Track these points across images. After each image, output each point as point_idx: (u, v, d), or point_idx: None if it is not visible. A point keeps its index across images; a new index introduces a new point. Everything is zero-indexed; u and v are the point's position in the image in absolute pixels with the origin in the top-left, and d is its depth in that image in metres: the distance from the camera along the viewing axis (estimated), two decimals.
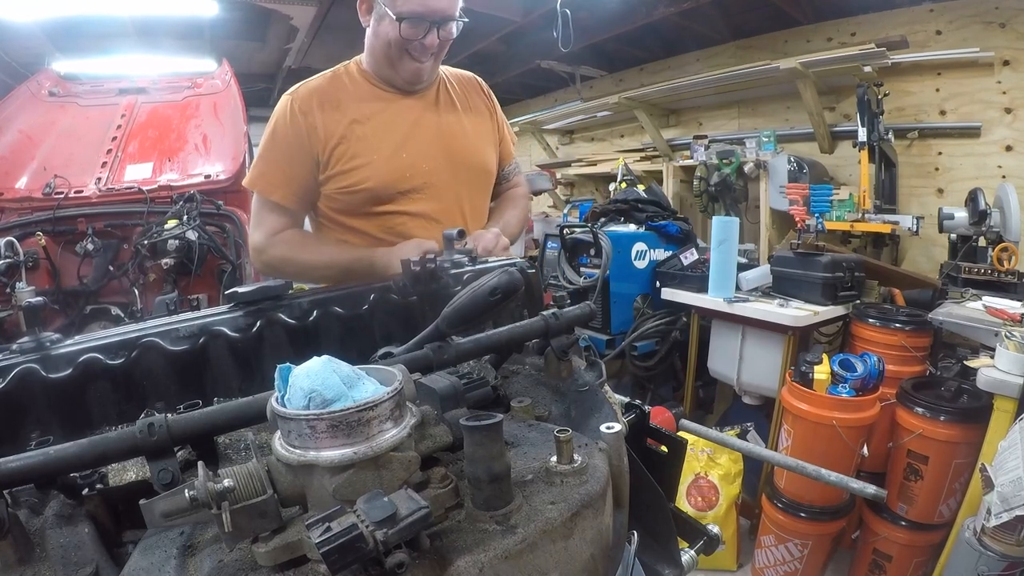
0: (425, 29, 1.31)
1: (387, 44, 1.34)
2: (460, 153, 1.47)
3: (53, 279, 2.77)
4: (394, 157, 1.39)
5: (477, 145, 1.51)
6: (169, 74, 4.15)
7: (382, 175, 1.37)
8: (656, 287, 3.24)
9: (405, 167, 1.39)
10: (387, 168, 1.38)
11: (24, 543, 0.51)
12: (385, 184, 1.38)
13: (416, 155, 1.41)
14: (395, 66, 1.38)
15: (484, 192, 1.57)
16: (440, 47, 1.37)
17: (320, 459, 0.45)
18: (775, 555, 2.47)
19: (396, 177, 1.39)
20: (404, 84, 1.42)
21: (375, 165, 1.37)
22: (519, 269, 0.91)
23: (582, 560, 0.52)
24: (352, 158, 1.36)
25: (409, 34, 1.30)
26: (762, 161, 3.76)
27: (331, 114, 1.36)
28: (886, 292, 2.90)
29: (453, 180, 1.45)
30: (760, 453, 2.31)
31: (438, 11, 1.30)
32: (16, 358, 0.73)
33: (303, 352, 0.62)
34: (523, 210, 1.69)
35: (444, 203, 1.44)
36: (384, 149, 1.38)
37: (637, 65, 5.49)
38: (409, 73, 1.39)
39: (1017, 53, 3.13)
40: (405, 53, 1.35)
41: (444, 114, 1.48)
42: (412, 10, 1.28)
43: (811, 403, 2.22)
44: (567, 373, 0.82)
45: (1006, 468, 1.56)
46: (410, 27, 1.30)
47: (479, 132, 1.53)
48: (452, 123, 1.48)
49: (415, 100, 1.45)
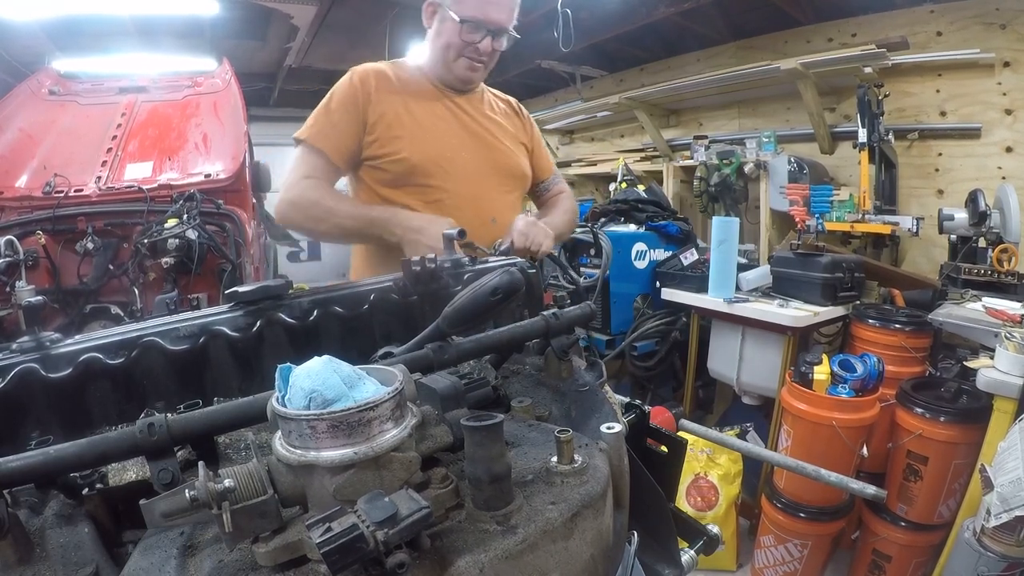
0: (482, 35, 1.48)
1: (447, 46, 1.50)
2: (495, 149, 1.60)
3: (53, 278, 2.77)
4: (435, 138, 1.51)
5: (510, 147, 1.65)
6: (169, 73, 4.16)
7: (423, 149, 1.49)
8: (656, 287, 3.24)
9: (444, 147, 1.52)
10: (427, 145, 1.50)
11: (24, 543, 0.51)
12: (423, 159, 1.48)
13: (455, 139, 1.54)
14: (450, 67, 1.53)
15: (514, 188, 1.67)
16: (491, 55, 1.54)
17: (321, 459, 0.45)
18: (775, 555, 2.47)
19: (434, 155, 1.50)
20: (456, 83, 1.57)
21: (416, 139, 1.49)
22: (519, 269, 0.91)
23: (582, 560, 0.52)
24: (398, 127, 1.48)
25: (468, 37, 1.47)
26: (762, 161, 3.76)
27: (386, 91, 1.50)
28: (886, 293, 2.90)
29: (486, 169, 1.58)
30: (760, 453, 2.31)
31: (495, 21, 1.47)
32: (16, 357, 0.73)
33: (303, 352, 0.62)
34: (568, 212, 1.78)
35: (476, 189, 1.55)
36: (428, 129, 1.51)
37: (637, 65, 5.48)
38: (462, 74, 1.54)
39: (1018, 54, 3.13)
40: (461, 56, 1.50)
41: (484, 116, 1.63)
42: (473, 16, 1.45)
43: (811, 403, 2.22)
44: (567, 373, 0.82)
45: (1005, 469, 1.56)
46: (470, 31, 1.47)
47: (511, 138, 1.67)
48: (490, 124, 1.62)
49: (463, 99, 1.60)
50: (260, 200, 4.17)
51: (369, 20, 4.90)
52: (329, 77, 7.45)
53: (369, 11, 4.76)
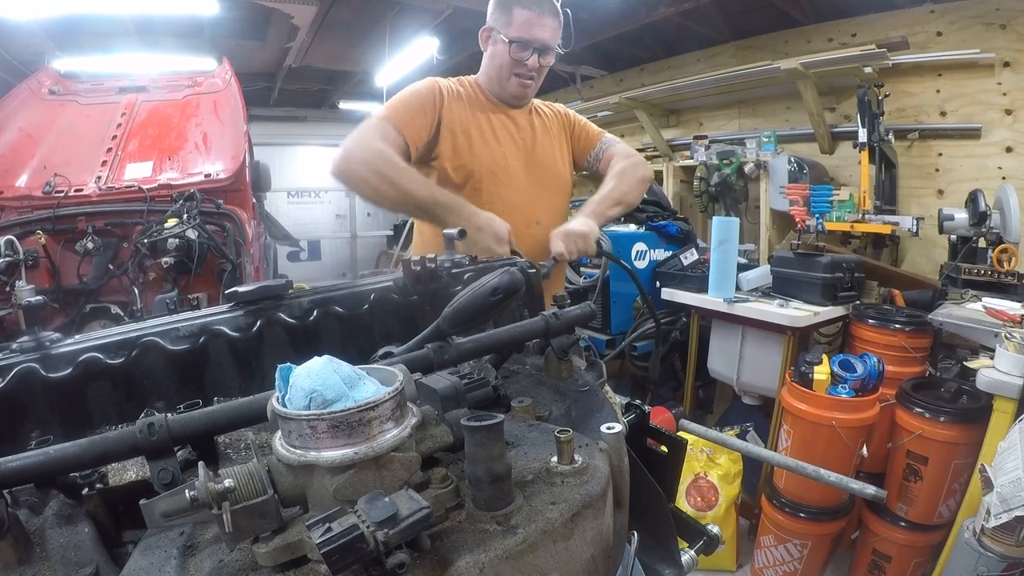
0: (530, 53, 1.64)
1: (500, 66, 1.68)
2: (541, 159, 1.77)
3: (53, 278, 2.77)
4: (492, 150, 1.68)
5: (554, 156, 1.81)
6: (169, 72, 4.15)
7: (482, 159, 1.65)
8: (656, 287, 3.24)
9: (499, 157, 1.68)
10: (485, 155, 1.66)
11: (24, 543, 0.51)
12: (482, 168, 1.65)
13: (508, 151, 1.71)
14: (504, 84, 1.71)
15: (559, 194, 1.83)
16: (539, 71, 1.70)
17: (321, 459, 0.45)
18: (774, 555, 2.47)
19: (491, 165, 1.66)
20: (510, 99, 1.74)
21: (477, 149, 1.66)
22: (520, 269, 0.91)
23: (582, 560, 0.52)
24: (464, 136, 1.65)
25: (517, 56, 1.64)
26: (762, 161, 3.76)
27: (458, 101, 1.68)
28: (886, 293, 2.90)
29: (533, 178, 1.74)
30: (760, 453, 2.31)
31: (540, 40, 1.64)
32: (16, 357, 0.73)
33: (303, 352, 0.62)
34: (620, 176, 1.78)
35: (524, 196, 1.71)
36: (488, 141, 1.68)
37: (637, 65, 5.49)
38: (515, 91, 1.71)
39: (1018, 54, 3.13)
40: (513, 75, 1.67)
41: (532, 128, 1.79)
42: (520, 36, 1.63)
43: (811, 403, 2.22)
44: (567, 373, 0.82)
45: (1005, 469, 1.56)
46: (518, 49, 1.63)
47: (556, 146, 1.83)
48: (538, 136, 1.79)
49: (517, 113, 1.77)
50: (260, 200, 4.17)
51: (369, 20, 4.91)
52: (329, 77, 7.46)
53: (369, 11, 4.76)
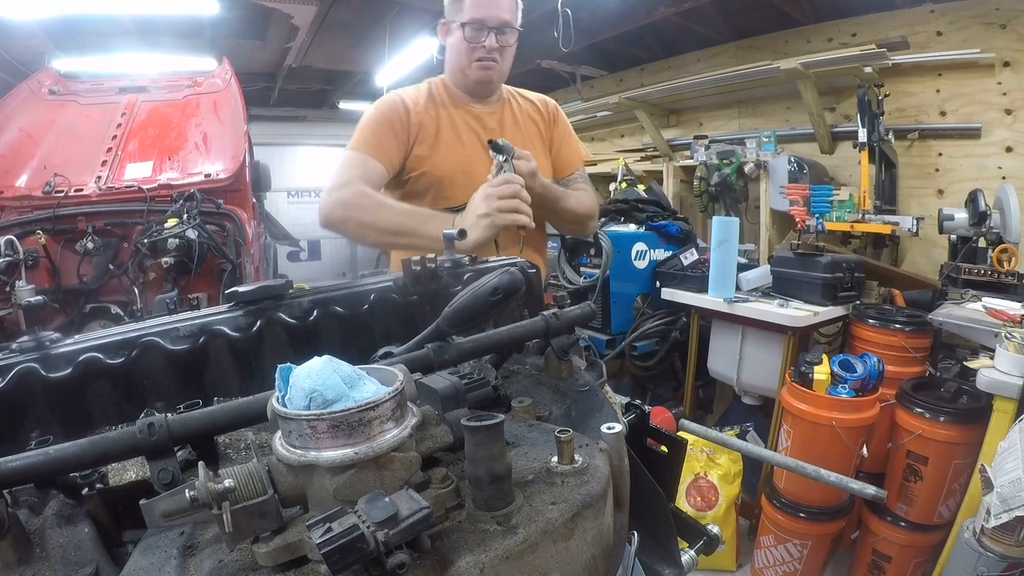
0: (485, 33, 1.57)
1: (459, 53, 1.61)
2: None
3: (53, 278, 2.77)
4: (455, 152, 1.62)
5: None
6: (169, 73, 4.16)
7: (445, 164, 1.60)
8: (656, 287, 3.24)
9: (464, 161, 1.61)
10: (449, 160, 1.60)
11: (24, 543, 0.51)
12: (443, 173, 1.59)
13: (474, 153, 1.62)
14: (466, 72, 1.63)
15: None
16: (501, 52, 1.61)
17: (321, 459, 0.45)
18: (774, 555, 2.47)
19: (452, 169, 1.60)
20: (476, 88, 1.66)
21: (439, 154, 1.60)
22: (520, 269, 0.91)
23: (583, 560, 0.52)
24: (432, 144, 1.59)
25: (472, 37, 1.57)
26: (762, 161, 3.76)
27: (424, 107, 1.63)
28: (886, 293, 2.90)
29: None
30: (760, 453, 2.31)
31: (494, 18, 1.56)
32: (16, 357, 0.73)
33: (303, 352, 0.62)
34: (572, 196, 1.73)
35: None
36: (452, 145, 1.62)
37: (637, 65, 5.48)
38: (477, 75, 1.62)
39: (1018, 54, 3.13)
40: (474, 61, 1.60)
41: (502, 127, 1.71)
42: (473, 17, 1.55)
43: (811, 403, 2.22)
44: (567, 373, 0.82)
45: (1005, 469, 1.56)
46: (472, 31, 1.56)
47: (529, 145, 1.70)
48: (508, 135, 1.67)
49: (485, 110, 1.70)
50: (260, 200, 4.17)
51: (369, 20, 4.91)
52: (329, 77, 7.47)
53: (369, 11, 4.76)
